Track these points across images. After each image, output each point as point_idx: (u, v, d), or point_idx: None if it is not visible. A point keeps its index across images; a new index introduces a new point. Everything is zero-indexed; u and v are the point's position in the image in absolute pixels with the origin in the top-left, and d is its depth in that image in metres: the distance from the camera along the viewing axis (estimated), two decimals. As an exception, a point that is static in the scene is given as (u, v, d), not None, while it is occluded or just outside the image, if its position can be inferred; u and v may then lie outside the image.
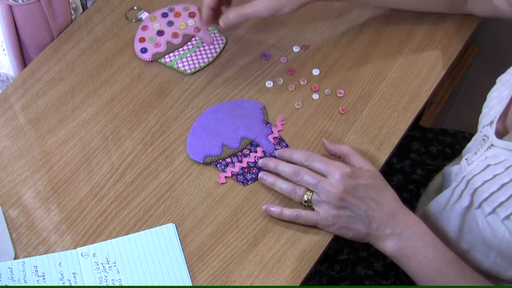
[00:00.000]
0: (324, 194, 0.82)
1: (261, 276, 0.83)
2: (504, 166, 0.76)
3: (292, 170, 0.85)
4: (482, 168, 0.80)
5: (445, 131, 1.16)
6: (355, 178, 0.82)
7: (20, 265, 0.83)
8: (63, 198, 0.89)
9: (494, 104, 0.85)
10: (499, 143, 0.79)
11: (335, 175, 0.82)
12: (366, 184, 0.83)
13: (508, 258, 0.80)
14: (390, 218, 0.81)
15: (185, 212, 0.88)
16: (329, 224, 0.83)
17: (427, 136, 1.15)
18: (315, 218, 0.84)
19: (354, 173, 0.83)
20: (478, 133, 0.87)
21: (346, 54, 1.01)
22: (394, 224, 0.81)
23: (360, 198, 0.82)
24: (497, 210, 0.77)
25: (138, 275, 0.83)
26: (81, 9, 1.06)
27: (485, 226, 0.80)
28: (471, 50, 1.43)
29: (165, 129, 0.95)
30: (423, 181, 1.09)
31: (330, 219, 0.83)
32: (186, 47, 1.02)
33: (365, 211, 0.81)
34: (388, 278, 1.01)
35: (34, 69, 1.01)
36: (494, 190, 0.77)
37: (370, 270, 1.02)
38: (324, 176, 0.83)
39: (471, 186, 0.81)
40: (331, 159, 0.85)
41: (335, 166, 0.83)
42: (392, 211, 0.82)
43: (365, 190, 0.82)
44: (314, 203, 0.84)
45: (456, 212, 0.86)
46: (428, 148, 1.13)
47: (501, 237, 0.78)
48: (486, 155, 0.80)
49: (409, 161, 1.12)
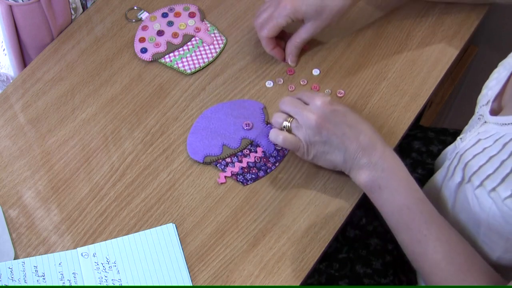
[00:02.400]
0: (303, 120, 0.84)
1: (261, 276, 0.83)
2: (493, 139, 0.77)
3: (281, 101, 0.88)
4: (474, 143, 0.81)
5: (446, 131, 1.17)
6: (334, 105, 0.85)
7: (20, 265, 0.83)
8: (63, 198, 0.89)
9: (493, 85, 0.86)
10: (491, 119, 0.80)
11: (316, 103, 0.84)
12: (344, 111, 0.85)
13: (495, 234, 0.80)
14: (367, 147, 0.82)
15: (185, 212, 0.88)
16: (307, 150, 0.85)
17: (428, 136, 1.15)
18: (298, 144, 0.85)
19: (334, 102, 0.85)
20: (475, 114, 0.88)
21: (346, 54, 1.01)
22: (371, 154, 0.82)
23: (337, 123, 0.83)
24: (485, 183, 0.78)
25: (138, 275, 0.83)
26: (81, 9, 1.06)
27: (474, 200, 0.81)
28: (471, 50, 1.43)
29: (165, 129, 0.95)
30: (424, 180, 1.09)
31: (308, 144, 0.85)
32: (186, 47, 1.02)
33: (340, 137, 0.83)
34: (387, 277, 1.01)
35: (34, 69, 1.01)
36: (482, 163, 0.78)
37: (369, 269, 1.02)
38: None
39: (462, 161, 0.82)
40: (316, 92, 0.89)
41: (316, 95, 0.86)
42: (369, 141, 0.83)
43: (343, 117, 0.84)
44: (293, 128, 0.85)
45: (449, 189, 0.87)
46: (429, 148, 1.13)
47: (487, 211, 0.78)
48: (478, 131, 0.81)
49: (409, 161, 1.12)
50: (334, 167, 0.86)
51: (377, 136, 0.84)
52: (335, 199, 0.88)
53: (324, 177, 0.90)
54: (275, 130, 0.87)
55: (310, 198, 0.88)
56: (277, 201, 0.88)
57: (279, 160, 0.91)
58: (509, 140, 0.75)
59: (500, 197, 0.76)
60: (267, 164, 0.91)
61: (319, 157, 0.86)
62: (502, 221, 0.77)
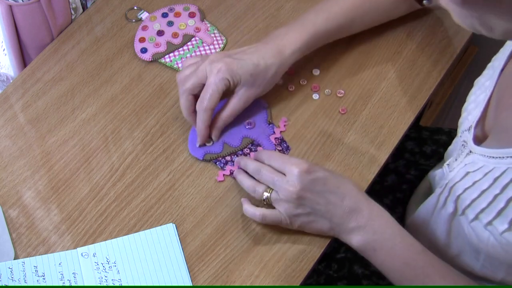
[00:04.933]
0: (283, 192, 0.81)
1: (261, 276, 0.83)
2: (483, 173, 0.75)
3: (255, 167, 0.84)
4: (462, 176, 0.79)
5: (440, 130, 1.16)
6: (312, 172, 0.80)
7: (20, 265, 0.83)
8: (63, 198, 0.89)
9: (472, 109, 0.84)
10: (476, 150, 0.78)
11: (293, 172, 0.80)
12: (324, 177, 0.81)
13: (496, 260, 0.80)
14: (353, 210, 0.80)
15: (185, 212, 0.88)
16: (291, 222, 0.82)
17: (422, 136, 1.15)
18: (280, 218, 0.82)
19: (312, 168, 0.81)
20: (457, 137, 0.87)
21: (346, 54, 1.01)
22: (358, 217, 0.80)
23: (319, 192, 0.80)
24: (480, 216, 0.77)
25: (138, 275, 0.83)
26: (81, 9, 1.06)
27: (470, 232, 0.80)
28: (471, 50, 1.43)
29: (165, 129, 0.95)
30: (416, 181, 1.09)
31: (291, 217, 0.82)
32: (186, 47, 1.02)
33: (325, 206, 0.80)
34: (385, 278, 1.01)
35: (34, 69, 1.01)
36: (474, 197, 0.77)
37: (367, 270, 1.02)
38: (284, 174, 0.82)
39: (453, 193, 0.81)
40: (290, 157, 0.84)
41: (291, 163, 0.81)
42: (354, 203, 0.80)
43: (324, 184, 0.80)
44: (273, 201, 0.82)
45: (442, 218, 0.86)
46: (422, 148, 1.13)
47: (486, 242, 0.78)
48: (465, 162, 0.80)
49: (403, 161, 1.12)
50: (323, 233, 0.84)
51: (361, 195, 0.81)
52: (335, 199, 0.88)
53: (324, 177, 0.90)
54: (250, 207, 0.84)
55: (310, 198, 0.88)
56: (277, 201, 0.88)
57: (279, 160, 0.91)
58: (500, 175, 0.73)
59: (498, 230, 0.75)
60: (267, 164, 0.91)
61: (305, 226, 0.83)
62: (501, 251, 0.77)
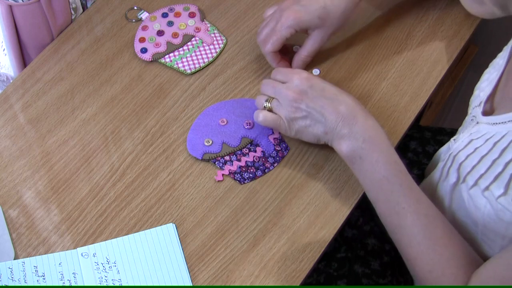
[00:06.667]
0: (282, 98, 0.86)
1: (261, 276, 0.83)
2: (485, 139, 0.78)
3: (261, 84, 0.90)
4: (466, 144, 0.81)
5: (443, 130, 1.17)
6: (311, 80, 0.85)
7: (20, 265, 0.83)
8: (63, 198, 0.89)
9: (484, 86, 0.86)
10: (483, 120, 0.80)
11: (294, 80, 0.86)
12: (322, 85, 0.86)
13: (491, 232, 0.80)
14: (348, 117, 0.83)
15: (185, 212, 0.88)
16: (289, 127, 0.86)
17: (424, 136, 1.15)
18: (279, 121, 0.87)
19: (311, 76, 0.86)
20: (468, 115, 0.88)
21: (346, 54, 1.01)
22: (352, 124, 0.82)
23: (315, 97, 0.84)
24: (479, 182, 0.78)
25: (138, 275, 0.83)
26: (81, 9, 1.06)
27: (469, 200, 0.81)
28: (471, 50, 1.43)
29: (165, 129, 0.95)
30: (419, 181, 1.09)
31: (289, 121, 0.86)
32: (186, 47, 1.02)
33: (320, 109, 0.84)
34: (385, 277, 1.01)
35: (34, 69, 1.01)
36: (475, 163, 0.78)
37: (367, 269, 1.02)
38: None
39: (456, 161, 0.83)
40: (293, 69, 0.90)
41: (293, 72, 0.87)
42: (350, 112, 0.83)
43: (322, 90, 0.85)
44: (274, 107, 0.87)
45: (445, 190, 0.87)
46: (425, 148, 1.13)
47: (482, 210, 0.79)
48: (471, 132, 0.82)
49: (405, 161, 1.12)
50: (318, 140, 0.87)
51: (359, 106, 0.84)
52: (335, 200, 0.88)
53: (324, 177, 0.90)
54: (256, 111, 0.89)
55: (310, 198, 0.88)
56: (277, 201, 0.88)
57: (278, 160, 0.91)
58: (499, 139, 0.75)
59: (494, 195, 0.76)
60: (265, 164, 0.91)
61: (302, 131, 0.87)
62: (496, 219, 0.77)
